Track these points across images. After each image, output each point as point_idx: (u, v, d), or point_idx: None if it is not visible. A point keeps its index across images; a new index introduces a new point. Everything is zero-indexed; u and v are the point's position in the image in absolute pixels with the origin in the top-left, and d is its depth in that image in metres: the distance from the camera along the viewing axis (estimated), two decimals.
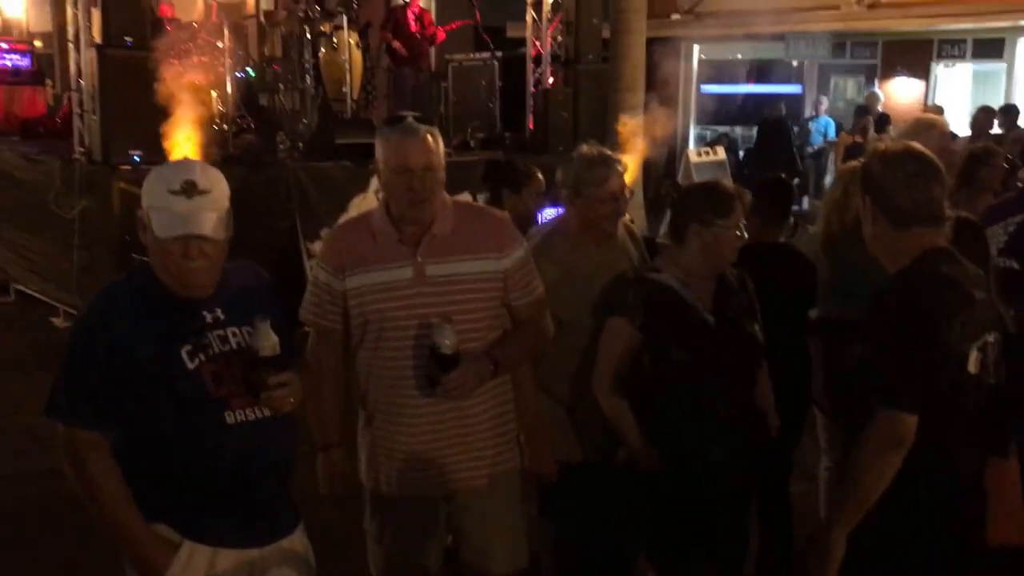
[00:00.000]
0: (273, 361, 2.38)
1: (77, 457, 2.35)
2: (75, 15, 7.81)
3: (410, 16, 10.97)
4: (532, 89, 10.69)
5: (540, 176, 4.60)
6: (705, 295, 3.20)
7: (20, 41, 13.29)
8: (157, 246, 2.35)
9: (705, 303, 3.18)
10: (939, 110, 10.71)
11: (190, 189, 2.33)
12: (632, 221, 3.90)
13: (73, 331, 2.46)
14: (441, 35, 11.28)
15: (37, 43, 24.99)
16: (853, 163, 3.71)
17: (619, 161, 3.39)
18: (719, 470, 3.14)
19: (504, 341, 2.90)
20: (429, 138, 2.74)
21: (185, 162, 2.59)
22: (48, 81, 12.83)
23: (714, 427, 3.13)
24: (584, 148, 3.41)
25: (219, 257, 2.41)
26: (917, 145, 2.50)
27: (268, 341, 2.38)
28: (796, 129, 14.79)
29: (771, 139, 13.29)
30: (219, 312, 2.45)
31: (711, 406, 3.13)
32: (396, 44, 10.84)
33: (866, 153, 2.64)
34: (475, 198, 5.03)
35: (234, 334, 2.45)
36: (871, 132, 10.92)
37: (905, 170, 2.39)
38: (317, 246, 7.36)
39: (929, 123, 4.61)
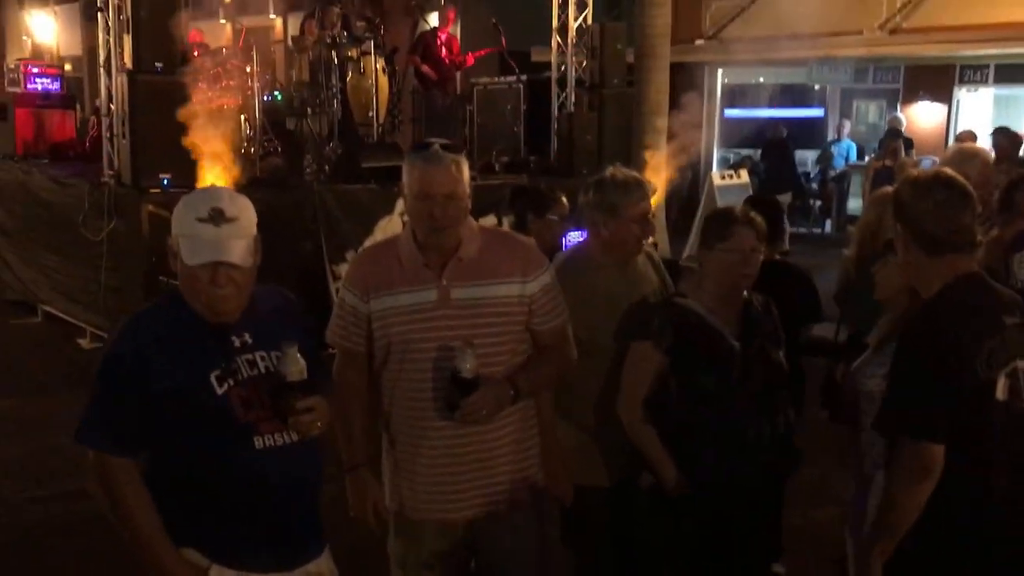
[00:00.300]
0: (301, 386, 2.40)
1: (107, 482, 2.37)
2: (107, 41, 7.94)
3: (439, 41, 11.09)
4: (556, 113, 10.75)
5: (564, 200, 4.61)
6: (731, 321, 3.22)
7: (51, 65, 13.48)
8: (186, 273, 2.39)
9: (731, 329, 3.20)
10: (972, 136, 10.60)
11: (218, 217, 2.36)
12: (655, 245, 3.91)
13: (104, 357, 2.48)
14: (470, 61, 11.39)
15: (67, 67, 25.47)
16: (887, 188, 3.71)
17: (649, 183, 3.42)
18: (744, 495, 3.14)
19: (527, 366, 2.91)
20: (453, 166, 2.75)
21: (213, 189, 2.64)
22: (77, 105, 13.02)
23: (739, 452, 3.12)
24: (615, 170, 3.44)
25: (247, 283, 2.44)
26: (947, 171, 2.52)
27: (296, 366, 2.39)
28: (818, 152, 14.78)
29: (775, 161, 13.28)
30: (247, 336, 2.48)
31: (736, 431, 3.13)
32: (425, 68, 10.96)
33: (898, 179, 2.66)
34: (501, 221, 5.05)
35: (262, 358, 2.48)
36: (901, 156, 10.88)
37: (935, 198, 2.41)
38: (342, 268, 7.42)
39: (972, 153, 4.62)
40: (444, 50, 11.13)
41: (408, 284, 2.83)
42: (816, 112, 15.75)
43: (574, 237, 5.71)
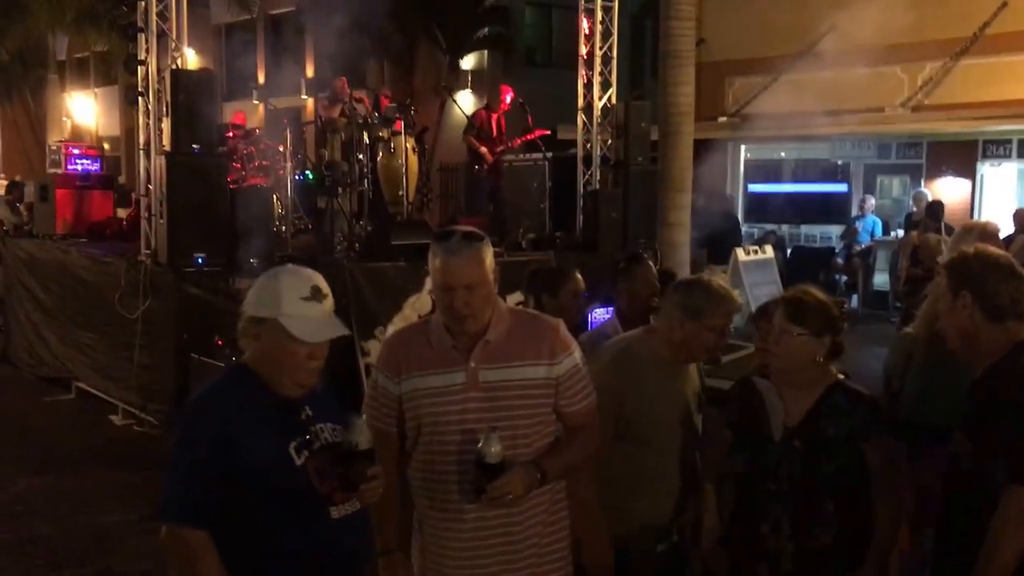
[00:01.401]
0: (370, 454, 2.52)
1: (187, 557, 2.41)
2: (147, 124, 8.20)
3: (492, 121, 11.26)
4: (582, 190, 10.90)
5: (578, 275, 4.59)
6: (798, 407, 3.09)
7: (91, 147, 13.89)
8: (280, 349, 2.48)
9: (792, 416, 3.08)
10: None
11: (319, 295, 2.53)
12: None
13: (183, 433, 2.54)
14: (516, 143, 11.54)
15: (105, 146, 26.16)
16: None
17: (739, 303, 3.45)
18: None
19: (555, 448, 2.93)
20: (475, 255, 2.80)
21: (301, 269, 2.71)
22: (116, 184, 13.36)
23: (750, 546, 3.11)
24: (710, 277, 3.50)
25: (325, 356, 2.59)
26: (994, 249, 2.81)
27: (364, 435, 2.52)
28: (843, 227, 14.80)
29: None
30: (308, 410, 2.59)
31: (751, 523, 3.12)
32: (483, 150, 11.08)
33: (957, 254, 2.84)
34: (527, 299, 5.10)
35: (321, 430, 2.58)
36: (942, 233, 10.86)
37: (1002, 271, 2.70)
38: (371, 344, 7.49)
39: (969, 227, 4.62)
40: (496, 130, 11.29)
41: (437, 366, 2.88)
42: (840, 187, 15.81)
43: (600, 314, 5.75)
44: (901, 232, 13.80)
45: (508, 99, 11.46)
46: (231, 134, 10.52)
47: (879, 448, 3.02)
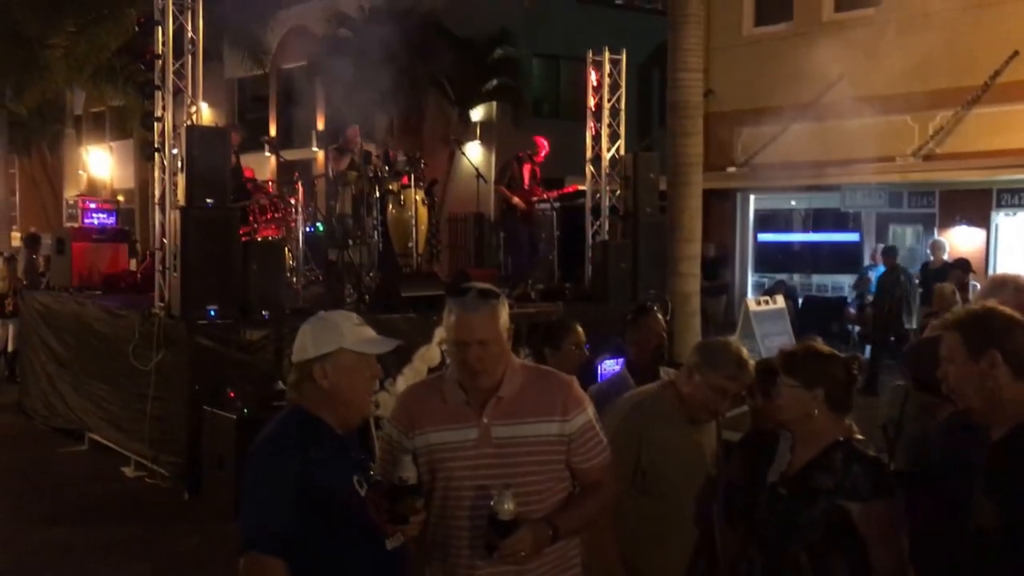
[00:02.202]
0: (419, 489, 2.67)
1: None
2: (162, 179, 8.31)
3: (524, 171, 11.36)
4: (591, 241, 10.95)
5: (579, 329, 4.61)
6: (800, 459, 3.04)
7: (106, 201, 14.08)
8: (353, 375, 2.71)
9: (793, 467, 3.05)
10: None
11: (363, 321, 2.80)
12: None
13: (260, 465, 2.66)
14: (554, 194, 11.58)
15: (120, 198, 26.45)
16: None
17: (750, 376, 3.44)
18: None
19: (567, 505, 2.93)
20: (489, 312, 2.83)
21: (349, 314, 2.91)
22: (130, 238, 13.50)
23: None
24: (733, 341, 3.54)
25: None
26: (1000, 304, 2.75)
27: (412, 471, 2.66)
28: (855, 277, 14.77)
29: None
30: (355, 447, 2.77)
31: (738, 565, 3.16)
32: (516, 200, 11.11)
33: (968, 314, 2.75)
34: (521, 351, 5.12)
35: (371, 466, 2.77)
36: (971, 288, 10.82)
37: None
38: (381, 396, 7.49)
39: (1001, 281, 4.63)
40: (528, 180, 11.37)
41: (450, 421, 2.89)
42: (852, 237, 15.82)
43: (610, 365, 5.76)
44: (916, 282, 13.72)
45: (543, 152, 11.43)
46: (247, 187, 10.63)
47: (870, 513, 2.86)
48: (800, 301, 15.22)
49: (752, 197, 16.41)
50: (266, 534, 2.56)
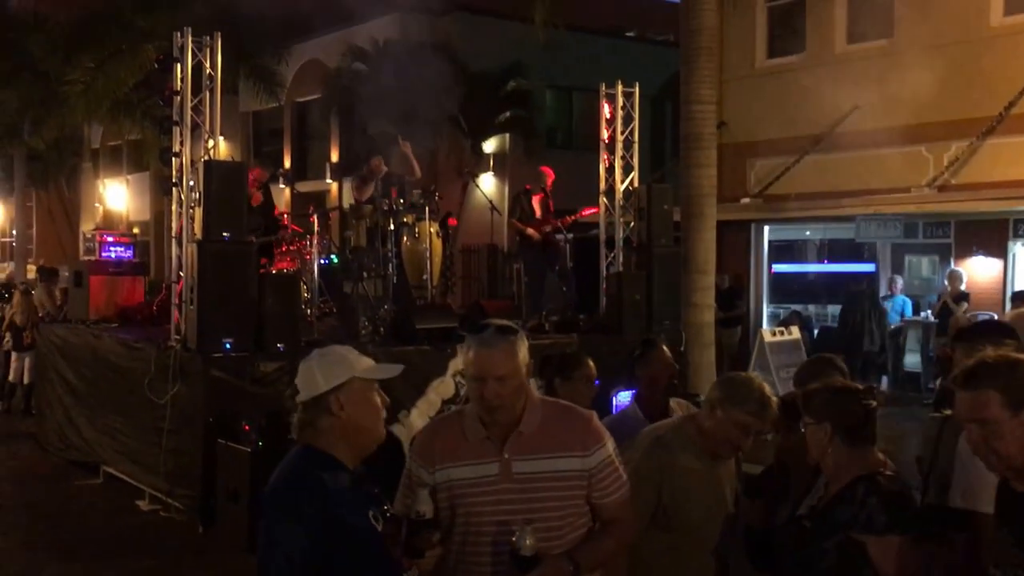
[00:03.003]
0: (436, 523, 2.68)
1: None
2: (179, 213, 8.36)
3: (535, 202, 11.37)
4: (605, 272, 10.95)
5: (590, 362, 4.60)
6: (829, 493, 3.03)
7: (123, 234, 14.19)
8: (365, 403, 2.74)
9: (823, 500, 3.05)
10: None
11: (363, 351, 2.86)
12: None
13: (276, 502, 2.66)
14: (567, 221, 11.63)
15: (135, 230, 26.66)
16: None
17: (773, 414, 3.41)
18: None
19: (588, 540, 2.93)
20: (508, 348, 2.86)
21: (348, 347, 2.93)
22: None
23: None
24: (757, 379, 3.51)
25: None
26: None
27: (429, 505, 2.67)
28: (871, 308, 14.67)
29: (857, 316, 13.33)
30: (365, 481, 2.75)
31: None
32: (530, 231, 11.22)
33: (997, 360, 2.52)
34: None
35: (383, 500, 2.77)
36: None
37: None
38: (396, 428, 7.47)
39: None
40: (540, 210, 11.41)
41: (471, 457, 2.91)
42: (867, 267, 15.75)
43: (624, 397, 5.73)
44: (931, 312, 13.65)
45: (550, 179, 11.63)
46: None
47: (884, 547, 2.82)
48: (816, 332, 15.13)
49: (766, 228, 16.38)
50: (287, 573, 2.56)
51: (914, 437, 4.50)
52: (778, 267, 16.71)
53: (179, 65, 8.17)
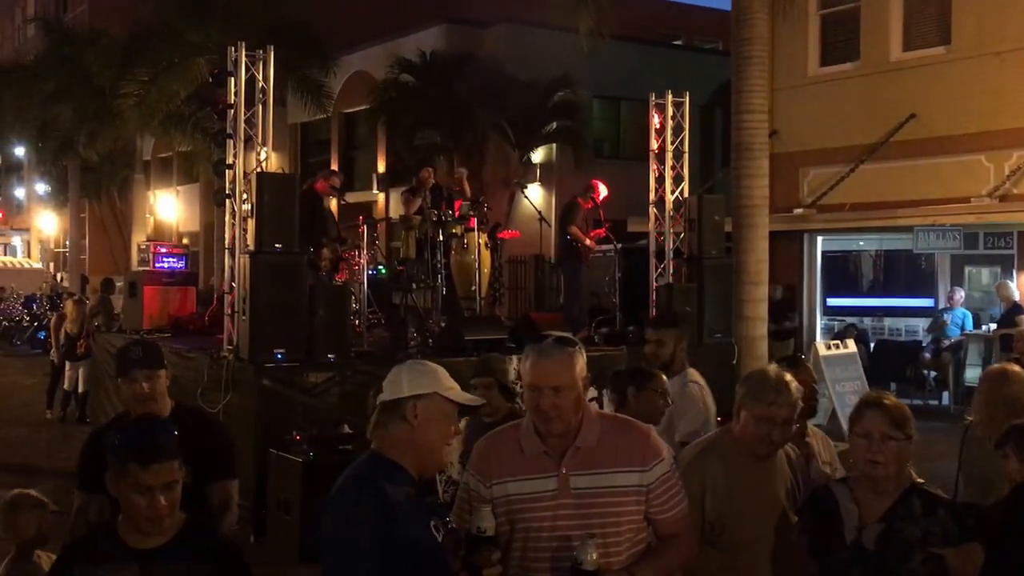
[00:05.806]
0: (497, 541, 2.64)
1: None
2: (232, 224, 8.43)
3: (582, 213, 11.25)
4: (655, 283, 10.83)
5: (664, 377, 4.60)
6: (873, 510, 3.05)
7: (176, 245, 14.39)
8: (441, 421, 2.72)
9: (866, 519, 3.05)
10: None
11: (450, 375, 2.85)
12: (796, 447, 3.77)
13: (341, 508, 2.64)
14: (601, 233, 11.50)
15: (184, 240, 27.09)
16: None
17: (795, 393, 3.34)
18: None
19: (647, 556, 2.89)
20: (565, 359, 2.84)
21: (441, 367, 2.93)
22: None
23: None
24: (772, 368, 3.47)
25: None
26: None
27: (491, 522, 2.64)
28: (929, 320, 14.34)
29: None
30: (427, 492, 2.77)
31: None
32: (589, 241, 10.85)
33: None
34: (601, 394, 5.05)
35: (445, 512, 2.77)
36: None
37: None
38: None
39: None
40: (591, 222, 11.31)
41: (529, 471, 2.88)
42: (926, 303, 15.32)
43: None
44: (993, 325, 13.28)
45: (599, 196, 11.12)
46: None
47: (965, 556, 2.88)
48: (872, 345, 14.81)
49: (819, 239, 16.11)
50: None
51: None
52: (832, 301, 16.32)
53: (232, 79, 8.25)
